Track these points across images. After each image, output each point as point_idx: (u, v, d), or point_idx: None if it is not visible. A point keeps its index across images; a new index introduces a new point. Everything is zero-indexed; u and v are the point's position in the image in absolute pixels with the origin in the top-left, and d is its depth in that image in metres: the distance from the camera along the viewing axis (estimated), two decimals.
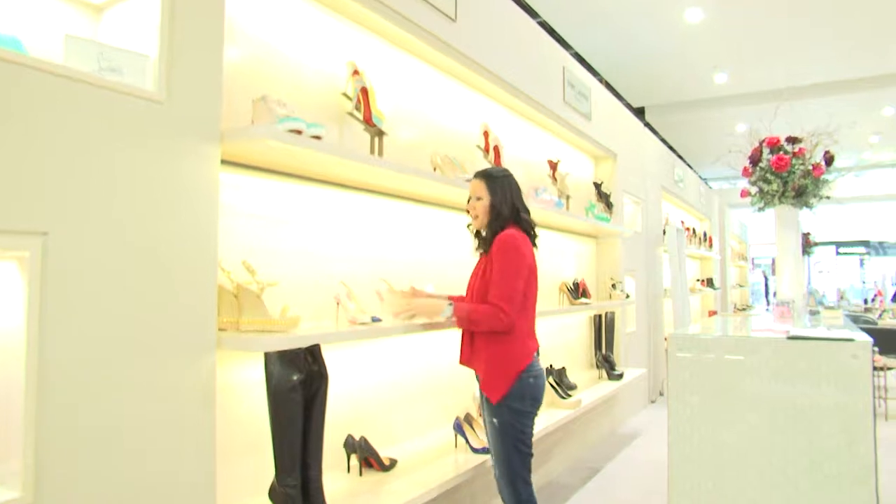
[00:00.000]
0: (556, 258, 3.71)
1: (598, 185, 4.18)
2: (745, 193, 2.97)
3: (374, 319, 1.87)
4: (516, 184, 1.88)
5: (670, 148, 8.42)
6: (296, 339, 1.50)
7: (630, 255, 4.73)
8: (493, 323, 1.74)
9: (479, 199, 1.88)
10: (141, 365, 1.27)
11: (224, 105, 1.51)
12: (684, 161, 9.01)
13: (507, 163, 2.84)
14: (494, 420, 1.78)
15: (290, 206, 1.89)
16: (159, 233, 1.31)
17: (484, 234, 1.94)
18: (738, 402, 1.81)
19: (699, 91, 7.30)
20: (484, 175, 1.90)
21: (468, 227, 1.93)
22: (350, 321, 1.86)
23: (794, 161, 2.78)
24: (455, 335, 2.04)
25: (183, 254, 1.36)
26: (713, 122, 8.27)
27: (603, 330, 4.14)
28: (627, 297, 4.27)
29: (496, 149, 2.73)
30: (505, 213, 1.84)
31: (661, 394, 5.56)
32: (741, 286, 10.54)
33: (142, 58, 1.32)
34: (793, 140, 2.84)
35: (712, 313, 7.40)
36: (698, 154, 10.19)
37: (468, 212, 1.91)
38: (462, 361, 1.85)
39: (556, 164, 3.47)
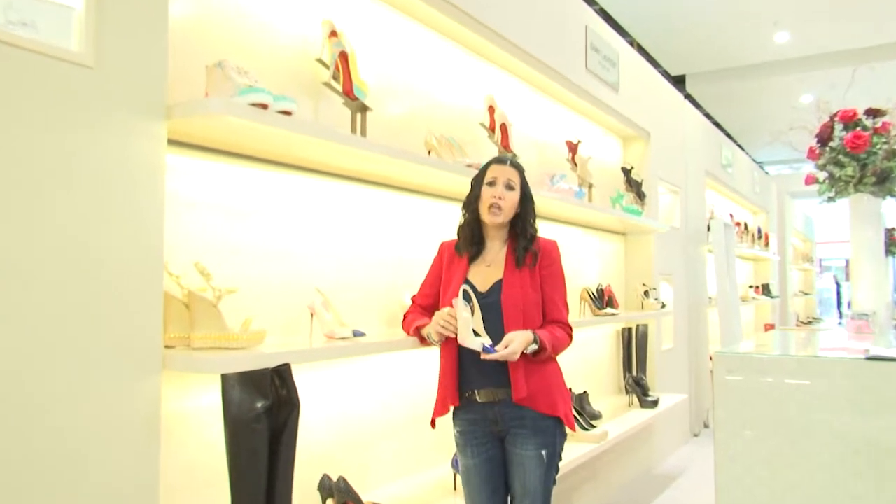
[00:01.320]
0: (575, 259, 3.74)
1: (627, 171, 4.21)
2: (810, 180, 2.94)
3: (356, 333, 1.89)
4: None
5: (717, 125, 8.45)
6: (260, 358, 1.51)
7: (666, 255, 4.76)
8: (567, 345, 1.94)
9: (510, 188, 1.94)
10: (64, 392, 1.27)
11: (171, 72, 1.52)
12: (734, 141, 9.04)
13: (516, 145, 2.86)
14: (543, 452, 1.86)
15: (254, 196, 1.90)
16: (90, 229, 1.32)
17: (489, 233, 1.99)
18: (802, 438, 1.79)
19: (754, 53, 7.20)
20: (517, 164, 2.00)
21: (491, 214, 1.94)
22: (327, 336, 1.87)
23: (874, 139, 2.70)
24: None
25: (120, 254, 1.37)
26: (771, 93, 8.26)
27: (633, 346, 4.16)
28: (663, 306, 4.30)
29: (504, 127, 2.75)
30: (534, 214, 1.99)
31: (706, 426, 5.58)
32: (805, 294, 10.57)
33: (64, 9, 1.26)
34: (873, 113, 2.77)
35: (769, 327, 7.44)
36: (752, 132, 10.20)
37: (493, 203, 1.92)
38: (520, 398, 1.87)
39: (575, 145, 3.49)
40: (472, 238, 1.98)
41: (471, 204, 1.99)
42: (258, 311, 1.81)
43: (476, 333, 1.81)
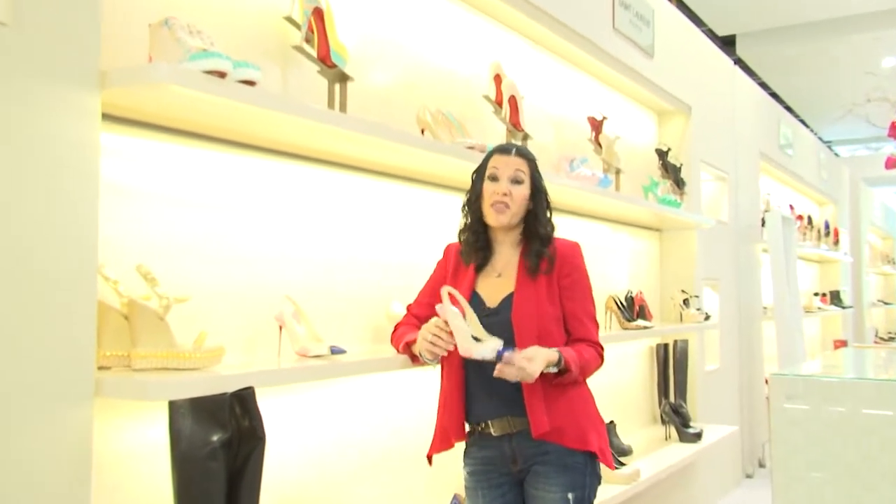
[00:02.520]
0: (600, 261, 3.74)
1: (663, 154, 4.22)
2: (892, 163, 2.92)
3: (335, 350, 1.89)
4: None
5: (774, 96, 8.45)
6: (217, 381, 1.51)
7: (711, 256, 4.77)
8: (597, 367, 1.99)
9: (517, 182, 1.95)
10: None
11: (106, 31, 1.51)
12: (796, 116, 9.05)
13: (529, 122, 2.87)
14: (570, 495, 1.87)
15: (209, 185, 1.90)
16: (3, 225, 1.32)
17: (497, 236, 2.00)
18: (882, 482, 1.78)
19: (821, 7, 7.17)
20: (524, 152, 2.01)
21: (497, 214, 1.94)
22: (299, 353, 1.88)
23: None
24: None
25: (43, 255, 1.37)
26: (843, 56, 8.23)
27: (671, 366, 4.17)
28: (707, 318, 4.31)
29: (513, 101, 2.75)
30: (549, 210, 2.01)
31: (762, 465, 5.60)
32: (886, 304, 10.54)
33: None
34: None
35: (840, 344, 7.44)
36: (818, 105, 10.19)
37: (497, 200, 1.93)
38: (541, 433, 1.87)
39: (600, 122, 3.50)
40: (475, 244, 1.99)
41: (472, 203, 2.00)
42: (214, 324, 1.81)
43: (477, 339, 1.81)
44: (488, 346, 1.78)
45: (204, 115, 1.71)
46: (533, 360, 1.78)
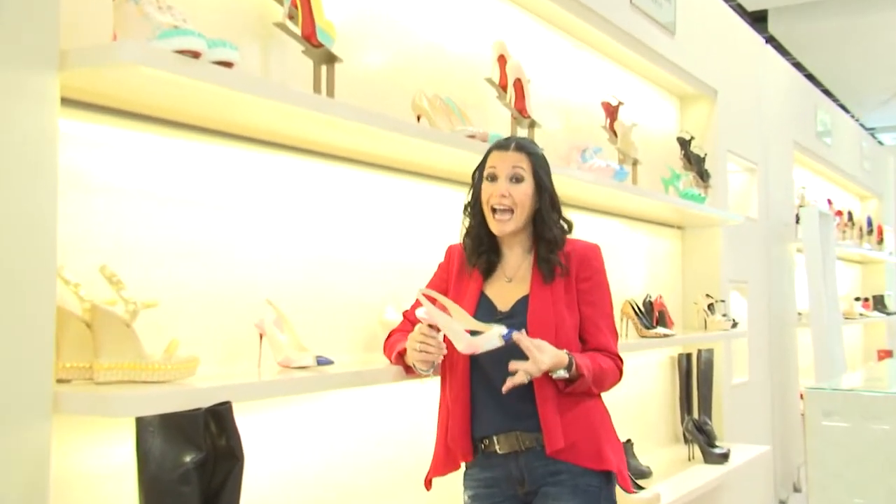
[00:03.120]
0: (615, 262, 3.72)
1: (685, 143, 4.22)
2: None
3: (321, 361, 1.90)
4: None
5: (810, 78, 8.42)
6: (190, 395, 1.51)
7: (739, 256, 4.76)
8: (615, 382, 2.01)
9: (517, 180, 1.95)
10: None
11: (65, 7, 1.51)
12: (835, 100, 9.03)
13: (536, 107, 2.87)
14: None
15: (181, 177, 1.90)
16: None
17: (504, 239, 2.00)
18: None
19: None
20: (524, 145, 2.00)
21: (498, 223, 1.94)
22: (281, 364, 1.88)
23: None
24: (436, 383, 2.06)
25: None
26: (889, 33, 8.18)
27: (694, 379, 4.16)
28: (734, 325, 4.30)
29: (518, 85, 2.75)
30: (558, 209, 2.01)
31: (797, 489, 5.59)
32: None
33: None
34: None
35: (884, 355, 7.43)
36: (861, 88, 10.13)
37: (496, 204, 1.93)
38: (556, 450, 1.87)
39: (615, 108, 3.50)
40: (479, 248, 2.00)
41: (474, 205, 2.01)
42: (187, 332, 1.81)
43: (474, 333, 1.81)
44: (492, 335, 1.78)
45: (175, 99, 1.71)
46: (542, 350, 1.79)
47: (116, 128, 1.76)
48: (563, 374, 1.84)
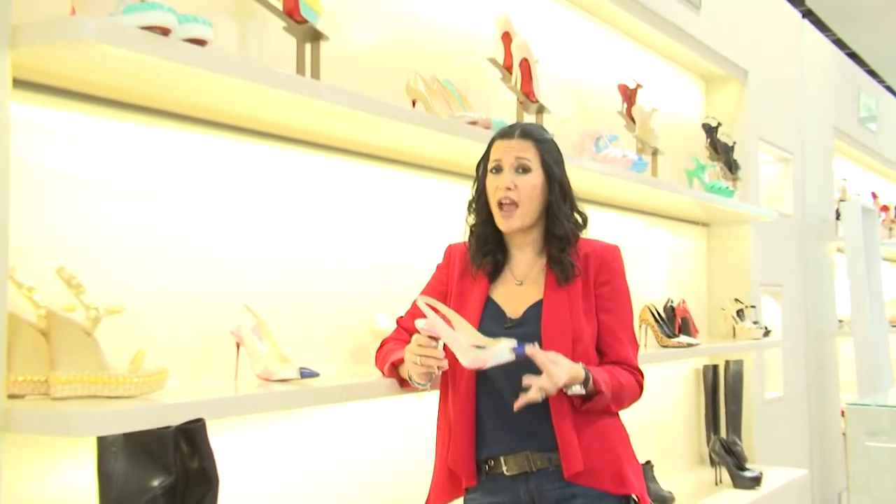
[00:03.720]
0: (633, 263, 3.64)
1: (711, 130, 4.22)
2: None
3: (305, 373, 1.89)
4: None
5: (853, 57, 8.40)
6: (159, 412, 1.51)
7: (772, 256, 4.77)
8: (634, 399, 2.02)
9: (523, 170, 1.95)
10: None
11: None
12: (880, 81, 8.99)
13: (545, 90, 2.87)
14: None
15: (148, 168, 1.90)
16: None
17: (513, 238, 2.00)
18: None
19: None
20: (531, 132, 2.00)
21: (504, 218, 1.95)
22: (260, 376, 1.88)
23: None
24: (434, 399, 2.06)
25: None
26: None
27: (721, 394, 4.16)
28: (766, 333, 4.30)
29: (525, 65, 2.75)
30: (571, 201, 2.02)
31: None
32: None
33: None
34: None
35: None
36: None
37: (501, 198, 1.94)
38: (574, 473, 1.87)
39: (633, 91, 3.50)
40: (484, 248, 2.00)
41: (478, 200, 2.01)
42: (156, 341, 1.80)
43: (478, 346, 1.81)
44: (501, 349, 1.78)
45: (142, 81, 1.70)
46: (558, 365, 1.79)
47: (75, 113, 1.76)
48: (579, 390, 1.83)
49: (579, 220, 2.02)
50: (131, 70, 1.61)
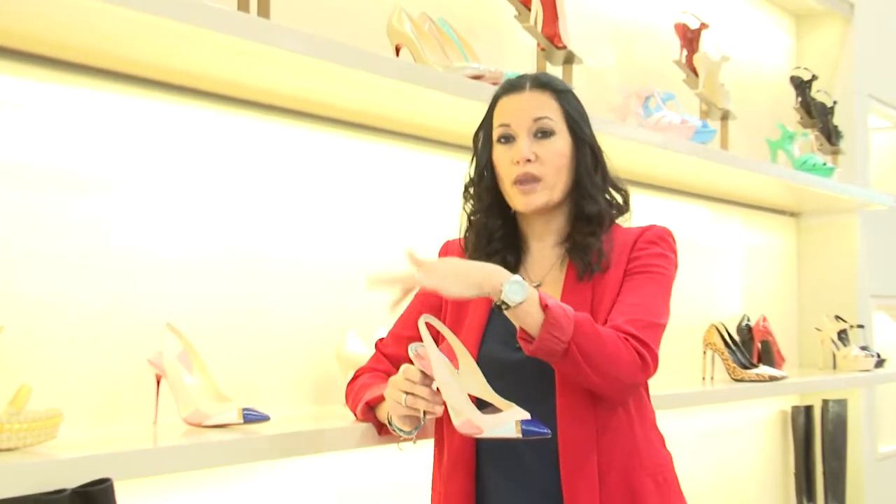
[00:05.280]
0: (693, 265, 3.73)
1: (803, 86, 4.20)
2: None
3: (250, 416, 1.88)
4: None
5: None
6: (50, 469, 1.50)
7: (887, 258, 4.77)
8: (627, 367, 1.84)
9: (543, 133, 1.94)
10: None
11: None
12: None
13: (576, 32, 2.86)
14: None
15: (40, 139, 1.89)
16: None
17: (531, 226, 2.00)
18: None
19: None
20: (547, 82, 1.99)
21: (524, 196, 1.93)
22: (189, 421, 1.88)
23: None
24: (428, 446, 2.04)
25: None
26: None
27: (817, 446, 4.15)
28: (880, 363, 4.27)
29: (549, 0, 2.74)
30: (602, 169, 2.02)
31: None
32: None
33: None
34: None
35: None
36: None
37: (519, 175, 1.92)
38: None
39: (696, 33, 3.50)
40: (488, 244, 1.99)
41: (479, 182, 2.00)
42: (46, 373, 1.80)
43: (481, 404, 1.79)
44: (506, 420, 1.76)
45: (39, 24, 1.71)
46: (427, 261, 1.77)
47: None
48: (514, 287, 1.71)
49: (618, 197, 2.02)
50: (26, 10, 1.62)
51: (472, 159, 2.02)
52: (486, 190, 1.98)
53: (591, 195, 1.96)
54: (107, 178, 2.00)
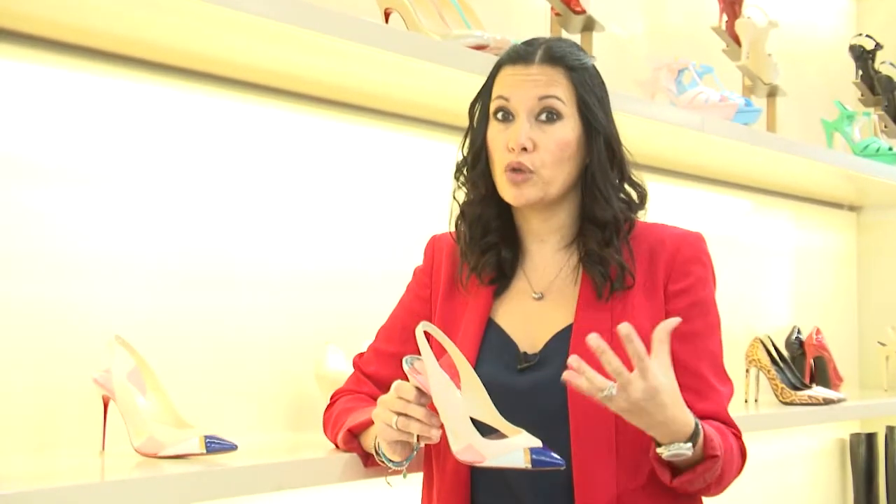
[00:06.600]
0: (736, 269, 3.74)
1: (864, 56, 4.21)
2: None
3: (215, 445, 1.89)
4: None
5: None
6: None
7: None
8: (737, 473, 1.99)
9: (549, 116, 1.93)
10: None
11: None
12: None
13: (597, 3, 2.86)
14: None
15: None
16: None
17: (529, 221, 2.00)
18: None
19: None
20: (560, 55, 1.96)
21: (512, 186, 1.92)
22: (142, 451, 1.88)
23: None
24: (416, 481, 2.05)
25: None
26: None
27: (881, 479, 4.17)
28: None
29: None
30: (621, 166, 1.99)
31: None
32: None
33: None
34: None
35: None
36: None
37: (511, 163, 1.91)
38: None
39: None
40: (482, 237, 1.99)
41: (473, 164, 1.99)
42: None
43: (484, 429, 1.78)
44: (513, 447, 1.76)
45: None
46: (661, 380, 1.68)
47: None
48: (683, 450, 1.75)
49: (634, 195, 2.00)
50: None
51: (466, 137, 2.00)
52: (481, 176, 1.96)
53: (604, 196, 1.93)
54: (48, 167, 2.01)
